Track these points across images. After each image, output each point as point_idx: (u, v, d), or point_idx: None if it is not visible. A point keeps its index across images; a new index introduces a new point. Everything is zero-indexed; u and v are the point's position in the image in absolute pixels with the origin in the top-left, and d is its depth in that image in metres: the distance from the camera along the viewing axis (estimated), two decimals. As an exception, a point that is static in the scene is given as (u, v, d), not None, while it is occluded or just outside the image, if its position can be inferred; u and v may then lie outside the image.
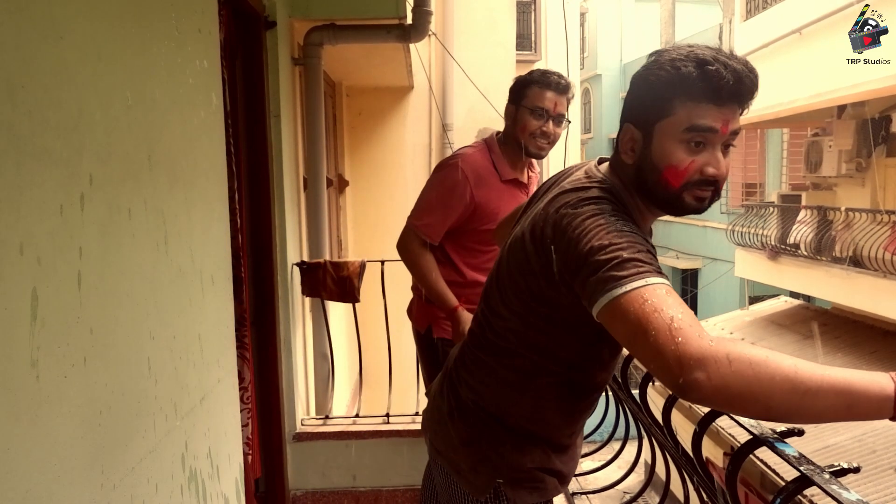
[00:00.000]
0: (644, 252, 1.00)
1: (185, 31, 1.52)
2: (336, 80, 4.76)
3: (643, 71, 1.12)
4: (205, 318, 1.59)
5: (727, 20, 12.40)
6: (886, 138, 8.13)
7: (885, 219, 7.47)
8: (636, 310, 0.93)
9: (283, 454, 2.81)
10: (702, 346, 0.87)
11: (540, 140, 2.10)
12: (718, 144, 1.08)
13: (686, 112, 1.06)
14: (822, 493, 1.04)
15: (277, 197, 2.69)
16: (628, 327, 0.94)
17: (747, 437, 1.24)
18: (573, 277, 1.04)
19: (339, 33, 3.02)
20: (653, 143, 1.09)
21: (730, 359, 0.87)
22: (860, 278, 7.72)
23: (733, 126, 1.08)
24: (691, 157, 1.07)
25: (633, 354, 1.07)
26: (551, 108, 2.08)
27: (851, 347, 8.34)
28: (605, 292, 0.96)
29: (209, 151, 1.69)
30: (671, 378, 0.89)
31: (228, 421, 1.77)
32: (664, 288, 0.96)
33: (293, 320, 2.83)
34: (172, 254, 1.38)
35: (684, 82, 1.05)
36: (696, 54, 1.05)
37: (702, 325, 0.93)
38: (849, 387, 0.93)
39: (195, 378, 1.51)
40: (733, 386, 0.86)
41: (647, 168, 1.11)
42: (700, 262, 14.41)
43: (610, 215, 1.05)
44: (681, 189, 1.09)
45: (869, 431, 6.56)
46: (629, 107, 1.14)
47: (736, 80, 1.04)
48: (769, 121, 9.82)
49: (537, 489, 1.28)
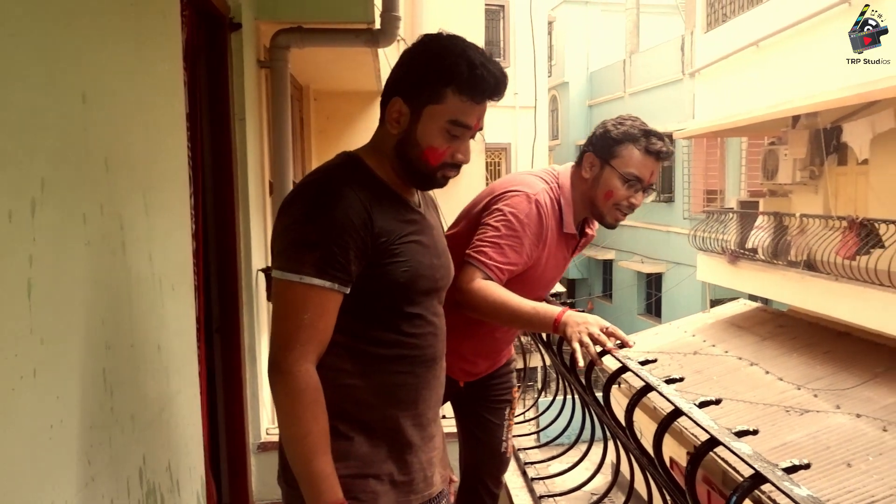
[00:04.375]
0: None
1: (146, 32, 1.48)
2: (303, 83, 4.72)
3: (419, 53, 1.23)
4: (165, 326, 1.55)
5: (689, 32, 12.68)
6: (837, 148, 8.40)
7: (836, 224, 7.70)
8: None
9: (247, 464, 2.75)
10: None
11: (624, 210, 1.73)
12: (469, 135, 1.24)
13: (453, 104, 1.20)
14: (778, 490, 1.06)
15: (242, 201, 2.64)
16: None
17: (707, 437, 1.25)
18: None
19: (307, 36, 2.99)
20: (420, 122, 1.21)
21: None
22: (814, 281, 7.95)
23: (482, 121, 1.26)
24: (448, 143, 1.22)
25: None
26: (647, 177, 1.70)
27: (807, 348, 8.58)
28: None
29: (170, 155, 1.65)
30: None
31: (190, 433, 1.72)
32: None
33: (258, 327, 2.78)
34: (130, 260, 1.34)
35: (457, 78, 1.18)
36: (469, 56, 1.18)
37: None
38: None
39: (154, 389, 1.47)
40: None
41: (409, 143, 1.23)
42: (664, 266, 14.65)
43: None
44: (436, 168, 1.24)
45: (823, 429, 6.75)
46: (399, 82, 1.23)
47: (494, 84, 1.20)
48: (728, 129, 10.06)
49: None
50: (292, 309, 1.16)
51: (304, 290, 1.14)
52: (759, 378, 8.19)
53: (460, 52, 1.19)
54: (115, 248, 1.27)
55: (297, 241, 1.16)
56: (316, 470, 1.14)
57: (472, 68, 1.18)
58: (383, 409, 1.24)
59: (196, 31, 2.23)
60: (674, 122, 13.27)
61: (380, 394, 1.24)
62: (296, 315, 1.15)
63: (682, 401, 1.33)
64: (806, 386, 7.66)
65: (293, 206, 1.20)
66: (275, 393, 1.17)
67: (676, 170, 14.09)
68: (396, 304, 1.23)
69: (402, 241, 1.21)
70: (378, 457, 1.23)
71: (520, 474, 2.59)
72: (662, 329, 11.25)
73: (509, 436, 2.04)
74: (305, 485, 1.15)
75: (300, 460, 1.15)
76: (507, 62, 10.37)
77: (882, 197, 7.81)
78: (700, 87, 11.14)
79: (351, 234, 1.15)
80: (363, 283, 1.19)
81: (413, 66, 1.22)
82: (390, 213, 1.21)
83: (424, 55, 1.22)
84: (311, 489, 1.15)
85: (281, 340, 1.16)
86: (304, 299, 1.15)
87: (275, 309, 1.20)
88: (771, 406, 7.40)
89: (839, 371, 7.77)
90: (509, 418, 2.02)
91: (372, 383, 1.23)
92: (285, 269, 1.16)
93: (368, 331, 1.22)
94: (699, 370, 8.72)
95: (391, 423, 1.25)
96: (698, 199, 13.10)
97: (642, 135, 1.68)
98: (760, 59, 9.05)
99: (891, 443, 6.29)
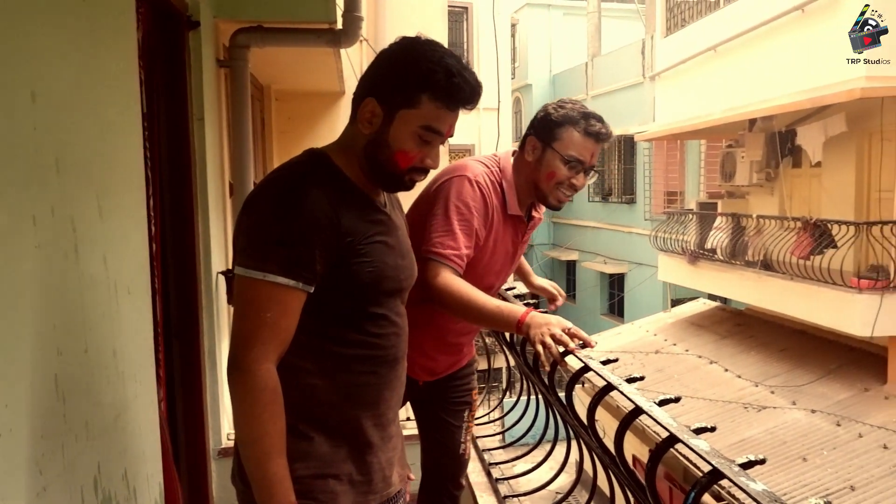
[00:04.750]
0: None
1: (100, 29, 1.44)
2: (264, 83, 4.66)
3: (397, 56, 1.22)
4: (120, 330, 1.51)
5: (649, 36, 12.91)
6: (792, 150, 8.64)
7: (791, 225, 7.92)
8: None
9: (208, 470, 2.70)
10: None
11: (566, 191, 1.75)
12: (440, 141, 1.25)
13: (427, 110, 1.20)
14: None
15: (201, 203, 2.60)
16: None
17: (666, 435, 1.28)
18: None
19: (267, 36, 2.96)
20: (393, 124, 1.21)
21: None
22: (770, 281, 8.16)
23: (454, 129, 1.26)
24: (419, 148, 1.23)
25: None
26: (587, 159, 1.72)
27: (764, 346, 8.81)
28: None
29: (126, 155, 1.61)
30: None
31: (147, 440, 1.68)
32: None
33: (218, 330, 2.73)
34: (84, 264, 1.30)
35: (433, 85, 1.18)
36: (446, 64, 1.19)
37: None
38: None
39: (110, 395, 1.43)
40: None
41: (380, 144, 1.22)
42: (626, 266, 14.87)
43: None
44: (405, 172, 1.24)
45: (780, 425, 6.94)
46: (375, 83, 1.23)
47: (470, 93, 1.21)
48: (687, 132, 10.27)
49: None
50: (254, 307, 1.14)
51: (268, 288, 1.13)
52: (718, 376, 8.37)
53: (439, 59, 1.19)
54: (68, 251, 1.23)
55: (262, 239, 1.14)
56: (270, 472, 1.13)
57: (450, 76, 1.18)
58: (345, 409, 1.24)
59: (153, 28, 2.19)
60: (635, 125, 13.50)
61: (342, 394, 1.23)
62: (258, 313, 1.13)
63: (643, 399, 1.35)
64: (763, 383, 7.86)
65: (258, 202, 1.18)
66: (233, 392, 1.15)
67: (638, 172, 14.32)
68: (361, 305, 1.23)
69: (368, 242, 1.21)
70: (338, 457, 1.23)
71: (484, 475, 2.59)
72: (625, 329, 11.42)
73: (468, 438, 2.03)
74: (258, 487, 1.14)
75: (254, 461, 1.14)
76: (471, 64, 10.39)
77: (834, 198, 8.06)
78: (660, 90, 11.34)
79: (317, 233, 1.14)
80: (328, 282, 1.17)
81: (390, 68, 1.22)
82: (357, 212, 1.21)
83: (402, 59, 1.22)
84: (264, 491, 1.14)
85: (241, 338, 1.14)
86: (267, 297, 1.13)
87: (236, 307, 1.18)
88: (730, 403, 7.57)
89: (795, 368, 7.99)
90: (468, 420, 2.02)
91: (334, 383, 1.22)
92: (249, 266, 1.14)
93: (332, 330, 1.22)
94: (661, 369, 8.88)
95: (352, 423, 1.24)
96: (659, 201, 13.33)
97: (582, 117, 1.71)
98: (718, 64, 9.26)
99: (844, 437, 6.49)
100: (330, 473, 1.22)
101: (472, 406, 2.04)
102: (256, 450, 1.14)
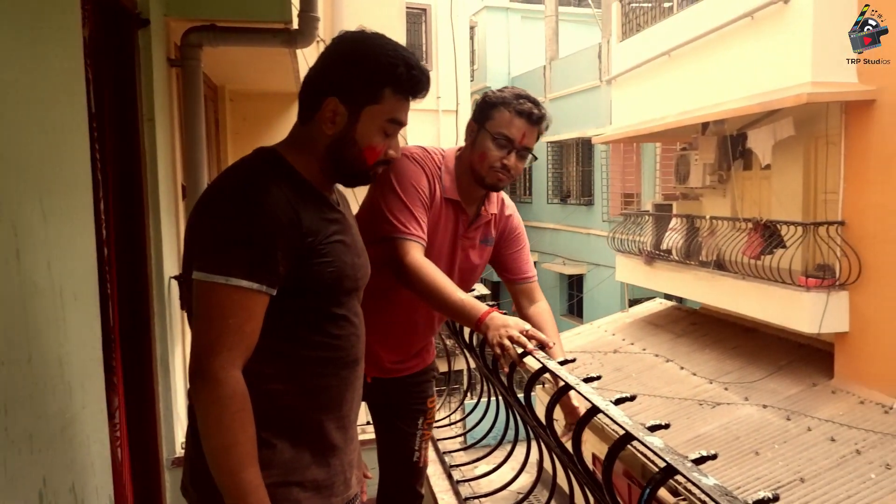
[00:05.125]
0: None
1: (43, 27, 1.39)
2: (218, 83, 4.57)
3: (351, 53, 1.22)
4: (66, 338, 1.46)
5: (605, 40, 13.12)
6: (743, 153, 8.88)
7: (742, 226, 8.14)
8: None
9: (161, 481, 2.63)
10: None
11: (501, 173, 1.74)
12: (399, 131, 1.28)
13: (391, 104, 1.22)
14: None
15: (152, 205, 2.53)
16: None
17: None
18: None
19: (221, 35, 2.90)
20: (359, 122, 1.22)
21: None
22: (723, 280, 8.37)
23: (408, 118, 1.29)
24: (384, 141, 1.25)
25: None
26: (518, 138, 1.72)
27: (717, 343, 9.03)
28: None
29: (71, 157, 1.56)
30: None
31: (96, 451, 1.62)
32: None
33: (171, 337, 2.66)
34: (26, 269, 1.25)
35: (395, 79, 1.20)
36: (404, 56, 1.21)
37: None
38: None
39: (55, 405, 1.38)
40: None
41: (346, 142, 1.22)
42: (585, 267, 15.07)
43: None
44: (372, 166, 1.26)
45: (733, 420, 7.12)
46: (336, 83, 1.21)
47: (426, 82, 1.25)
48: (643, 135, 10.47)
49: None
50: (217, 312, 1.10)
51: (231, 293, 1.09)
52: (674, 374, 8.56)
53: (394, 51, 1.21)
54: (9, 256, 1.18)
55: (223, 241, 1.11)
56: (245, 481, 1.09)
57: (409, 68, 1.21)
58: (308, 413, 1.21)
59: (100, 26, 2.12)
60: (593, 128, 13.70)
61: (305, 397, 1.21)
62: (221, 319, 1.10)
63: (599, 398, 1.37)
64: (717, 380, 8.06)
65: (216, 203, 1.15)
66: (198, 401, 1.10)
67: (596, 174, 14.54)
68: (322, 305, 1.21)
69: (328, 241, 1.19)
70: (301, 463, 1.20)
71: (445, 477, 2.59)
72: (584, 329, 11.58)
73: (424, 446, 1.99)
74: (232, 497, 1.10)
75: (226, 471, 1.09)
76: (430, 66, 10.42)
77: (783, 200, 8.30)
78: (616, 94, 11.52)
79: (279, 233, 1.11)
80: (289, 283, 1.15)
81: (349, 66, 1.21)
82: (315, 211, 1.19)
83: (361, 55, 1.21)
84: (239, 501, 1.09)
85: (205, 346, 1.10)
86: (230, 302, 1.10)
87: (197, 312, 1.13)
88: (686, 400, 7.74)
89: (747, 365, 8.21)
90: (424, 428, 1.98)
91: (296, 387, 1.20)
92: (210, 270, 1.10)
93: (293, 333, 1.19)
94: (619, 368, 9.03)
95: (315, 426, 1.22)
96: (616, 203, 13.55)
97: (514, 98, 1.74)
98: (672, 69, 9.46)
99: (794, 431, 6.69)
100: (293, 481, 1.19)
101: (428, 414, 2.00)
102: (229, 459, 1.09)
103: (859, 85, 6.83)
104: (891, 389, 6.71)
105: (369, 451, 1.97)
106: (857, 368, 7.12)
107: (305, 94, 1.24)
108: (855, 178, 7.05)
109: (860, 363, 7.09)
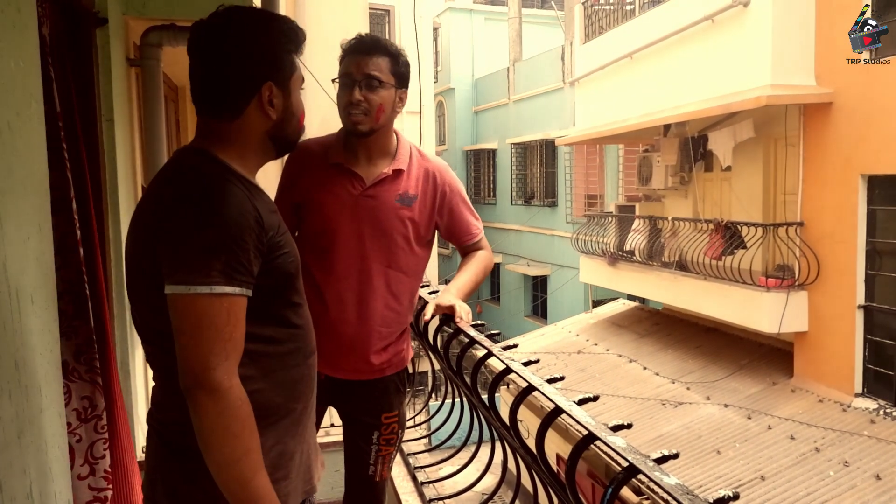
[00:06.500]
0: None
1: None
2: (179, 83, 4.49)
3: (260, 33, 1.21)
4: (23, 341, 1.42)
5: (568, 42, 13.26)
6: (704, 155, 9.06)
7: (704, 227, 8.29)
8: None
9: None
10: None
11: (353, 111, 1.75)
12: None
13: (298, 65, 1.27)
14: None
15: (112, 207, 2.48)
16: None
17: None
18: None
19: (180, 34, 2.86)
20: (291, 94, 1.26)
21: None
22: (685, 281, 8.51)
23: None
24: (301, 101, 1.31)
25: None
26: (355, 71, 1.76)
27: (680, 343, 9.19)
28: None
29: (27, 157, 1.52)
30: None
31: (54, 456, 1.58)
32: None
33: (131, 341, 2.62)
34: (-21, 272, 1.22)
35: (296, 42, 1.25)
36: (287, 22, 1.25)
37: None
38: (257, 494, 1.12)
39: (11, 410, 1.34)
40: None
41: (287, 118, 1.26)
42: (549, 269, 15.19)
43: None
44: (303, 128, 1.31)
45: (695, 419, 7.25)
46: (266, 65, 1.21)
47: (302, 34, 1.28)
48: (606, 137, 10.61)
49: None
50: (206, 322, 1.07)
51: (215, 301, 1.07)
52: (637, 374, 8.67)
53: (277, 17, 1.27)
54: (-40, 260, 1.15)
55: (198, 251, 1.08)
56: (258, 486, 1.09)
57: (292, 24, 1.25)
58: (288, 407, 1.24)
59: (60, 25, 2.07)
60: (556, 130, 13.84)
61: (282, 392, 1.23)
62: (212, 329, 1.07)
63: (563, 399, 1.39)
64: (679, 380, 8.19)
65: (179, 211, 1.11)
66: (205, 415, 1.07)
67: (559, 175, 14.68)
68: (286, 296, 1.23)
69: (282, 232, 1.22)
70: (284, 457, 1.23)
71: (410, 479, 2.59)
72: (548, 330, 11.67)
73: (382, 462, 1.93)
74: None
75: (239, 481, 1.08)
76: (396, 67, 10.36)
77: (743, 201, 8.49)
78: (579, 95, 11.64)
79: (248, 233, 1.11)
80: (259, 280, 1.15)
81: (264, 46, 1.21)
82: (264, 206, 1.20)
83: (266, 31, 1.22)
84: None
85: (201, 359, 1.07)
86: (216, 310, 1.07)
87: (182, 327, 1.09)
88: (649, 400, 7.85)
89: (709, 364, 8.36)
90: (380, 444, 1.91)
91: (273, 383, 1.21)
92: (189, 282, 1.07)
93: (264, 330, 1.20)
94: (583, 368, 9.12)
95: (293, 417, 1.25)
96: (580, 204, 13.69)
97: (345, 44, 1.84)
98: (634, 71, 9.59)
99: (755, 430, 6.82)
100: (279, 477, 1.20)
101: (384, 430, 1.91)
102: (243, 468, 1.08)
103: (817, 88, 7.00)
104: (849, 388, 6.87)
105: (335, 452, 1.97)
106: (816, 367, 7.27)
107: (224, 89, 1.20)
108: (813, 179, 7.22)
109: (819, 362, 7.24)
